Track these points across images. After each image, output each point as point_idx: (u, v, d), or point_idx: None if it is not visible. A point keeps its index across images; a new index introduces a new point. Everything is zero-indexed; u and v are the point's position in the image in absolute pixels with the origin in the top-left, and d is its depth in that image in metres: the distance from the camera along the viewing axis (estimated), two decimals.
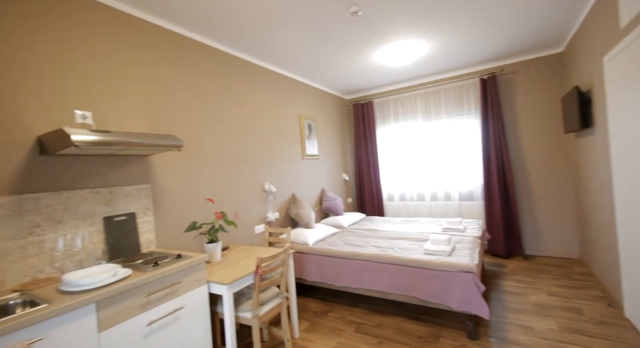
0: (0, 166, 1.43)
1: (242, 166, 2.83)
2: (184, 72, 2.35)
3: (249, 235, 2.84)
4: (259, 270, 1.81)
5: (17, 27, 1.52)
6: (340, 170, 4.69)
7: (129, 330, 1.38)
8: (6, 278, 1.41)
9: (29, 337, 1.09)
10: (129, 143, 1.58)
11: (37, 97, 1.57)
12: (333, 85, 4.28)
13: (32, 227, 1.51)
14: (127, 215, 1.90)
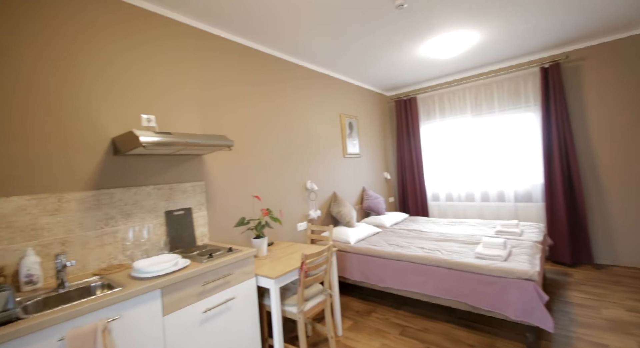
0: (83, 165, 1.64)
1: (286, 164, 2.90)
2: (231, 75, 2.47)
3: (291, 232, 2.90)
4: (303, 266, 1.84)
5: (90, 38, 1.72)
6: (382, 169, 4.59)
7: (188, 315, 1.50)
8: (88, 263, 1.61)
9: (108, 316, 1.23)
10: (187, 143, 1.71)
11: (111, 103, 1.77)
12: (374, 82, 4.20)
13: (107, 218, 1.70)
14: (184, 210, 2.05)
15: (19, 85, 1.46)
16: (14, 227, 1.40)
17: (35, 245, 1.45)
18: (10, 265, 1.38)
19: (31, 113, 1.48)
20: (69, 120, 1.60)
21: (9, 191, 1.40)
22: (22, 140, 1.45)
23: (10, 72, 1.43)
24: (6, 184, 1.40)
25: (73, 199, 1.59)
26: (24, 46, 1.48)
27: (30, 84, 1.49)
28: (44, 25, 1.54)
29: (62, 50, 1.59)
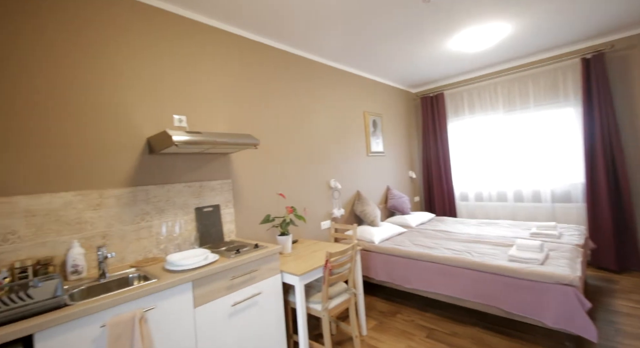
0: (122, 164, 1.74)
1: (309, 163, 2.92)
2: (256, 74, 2.52)
3: (315, 230, 2.92)
4: (328, 265, 1.84)
5: (126, 45, 1.83)
6: (407, 168, 4.49)
7: (217, 308, 1.55)
8: (125, 256, 1.72)
9: (144, 306, 1.30)
10: (215, 142, 1.76)
11: (146, 105, 1.86)
12: (399, 79, 4.11)
13: (143, 214, 1.80)
14: (213, 207, 2.12)
15: (73, 91, 1.57)
16: (62, 221, 1.52)
17: (80, 237, 1.56)
18: (59, 255, 1.50)
19: (77, 116, 1.60)
20: (109, 122, 1.71)
21: (58, 187, 1.52)
22: (69, 141, 1.57)
23: (63, 78, 1.55)
24: (55, 181, 1.52)
25: (112, 195, 1.69)
26: (73, 55, 1.60)
27: (78, 89, 1.61)
28: (86, 34, 1.66)
29: (102, 57, 1.70)
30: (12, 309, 1.04)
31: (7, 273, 1.32)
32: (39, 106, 1.49)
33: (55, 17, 1.56)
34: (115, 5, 1.76)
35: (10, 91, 1.42)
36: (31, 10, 1.49)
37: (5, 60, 1.41)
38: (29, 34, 1.48)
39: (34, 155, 1.47)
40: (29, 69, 1.47)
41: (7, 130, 1.40)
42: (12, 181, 1.40)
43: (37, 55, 1.50)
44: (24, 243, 1.41)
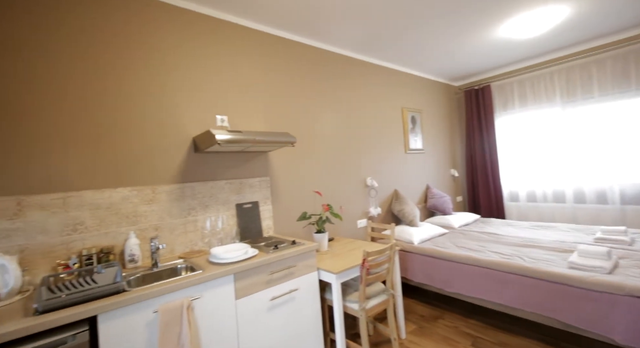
0: (171, 162, 1.87)
1: (346, 161, 2.89)
2: (293, 74, 2.55)
3: (351, 228, 2.88)
4: (365, 264, 1.80)
5: (174, 50, 1.95)
6: (448, 166, 4.26)
7: (257, 301, 1.60)
8: (174, 248, 1.84)
9: (191, 295, 1.38)
10: (255, 140, 1.82)
11: (192, 106, 1.98)
12: (440, 72, 3.91)
13: (189, 209, 1.92)
14: (252, 203, 2.20)
15: (134, 96, 1.73)
16: (121, 214, 1.67)
17: (135, 229, 1.71)
18: (118, 245, 1.65)
19: (133, 118, 1.75)
20: (160, 123, 1.84)
21: (117, 183, 1.67)
22: (126, 141, 1.72)
23: (126, 83, 1.71)
24: (115, 178, 1.67)
25: (163, 191, 1.82)
26: (133, 63, 1.75)
27: (136, 94, 1.75)
28: (139, 41, 1.80)
29: (154, 63, 1.84)
30: (81, 292, 1.17)
31: (76, 259, 1.48)
32: (105, 109, 1.65)
33: (110, 29, 1.71)
34: (163, 13, 1.89)
35: (81, 96, 1.59)
36: (94, 27, 1.66)
37: (77, 71, 1.58)
38: (93, 45, 1.64)
39: (97, 154, 1.63)
40: (99, 76, 1.64)
41: (75, 131, 1.57)
42: (80, 177, 1.57)
43: (106, 64, 1.66)
44: (90, 233, 1.57)
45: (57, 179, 1.51)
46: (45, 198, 1.47)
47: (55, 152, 1.51)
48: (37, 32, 1.50)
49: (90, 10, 1.64)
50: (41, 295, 1.13)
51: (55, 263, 1.46)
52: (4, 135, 1.40)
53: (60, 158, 1.52)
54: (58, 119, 1.53)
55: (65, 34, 1.57)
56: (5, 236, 1.37)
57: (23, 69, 1.45)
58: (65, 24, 1.57)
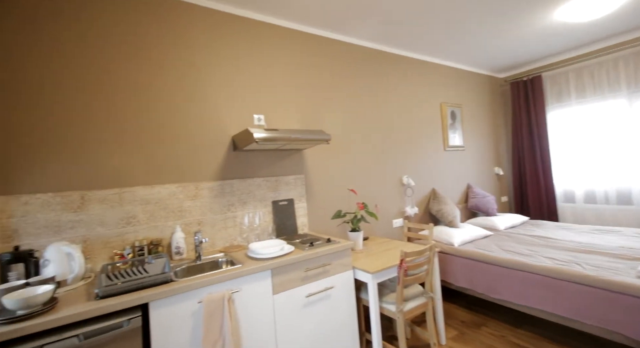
0: (213, 160, 1.96)
1: (381, 158, 2.82)
2: (326, 71, 2.54)
3: (386, 228, 2.81)
4: (403, 264, 1.74)
5: (216, 54, 2.03)
6: (492, 163, 3.98)
7: (293, 297, 1.61)
8: (215, 242, 1.92)
9: (231, 288, 1.43)
10: (290, 138, 1.84)
11: (231, 106, 2.05)
12: (482, 64, 3.66)
13: (229, 205, 1.99)
14: (288, 201, 2.23)
15: (176, 97, 1.84)
16: (168, 209, 1.78)
17: (181, 223, 1.81)
18: (166, 238, 1.76)
19: (178, 118, 1.85)
20: (203, 123, 1.93)
21: (164, 180, 1.79)
22: (173, 141, 1.83)
23: (168, 88, 1.82)
24: (162, 175, 1.78)
25: (206, 187, 1.91)
26: (179, 68, 1.86)
27: (178, 95, 1.86)
28: (181, 46, 1.90)
29: (197, 66, 1.93)
30: (134, 280, 1.26)
31: (130, 250, 1.61)
32: (153, 112, 1.77)
33: (160, 39, 1.83)
34: (205, 17, 1.98)
35: (132, 101, 1.72)
36: (144, 38, 1.78)
37: (128, 79, 1.72)
38: (141, 54, 1.77)
39: (147, 153, 1.75)
40: (147, 81, 1.76)
41: (129, 133, 1.70)
42: (133, 174, 1.70)
43: (153, 69, 1.78)
44: (141, 226, 1.70)
45: (114, 176, 1.65)
46: (104, 193, 1.61)
47: (112, 152, 1.65)
48: (92, 49, 1.64)
49: (137, 17, 1.77)
50: (101, 282, 1.24)
51: (112, 253, 1.60)
52: (73, 139, 1.55)
53: (116, 157, 1.66)
54: (114, 122, 1.66)
55: (114, 44, 1.70)
56: (70, 227, 1.52)
57: (89, 81, 1.60)
58: (114, 32, 1.70)
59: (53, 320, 1.04)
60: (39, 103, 1.49)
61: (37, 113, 1.49)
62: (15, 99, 1.45)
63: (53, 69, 1.53)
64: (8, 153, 1.42)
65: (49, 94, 1.52)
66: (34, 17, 1.50)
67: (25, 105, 1.47)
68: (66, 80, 1.56)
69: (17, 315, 1.03)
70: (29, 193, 1.44)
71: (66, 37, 1.57)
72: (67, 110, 1.55)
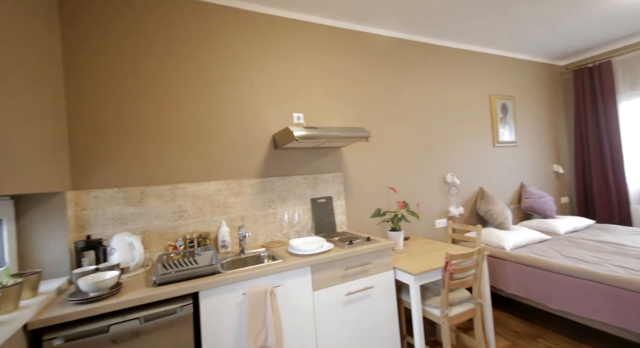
0: (254, 158, 2.03)
1: (423, 156, 2.70)
2: (366, 67, 2.49)
3: (428, 228, 2.69)
4: (448, 267, 1.65)
5: (258, 55, 2.09)
6: (550, 161, 3.61)
7: (333, 295, 1.61)
8: (257, 237, 1.99)
9: (273, 282, 1.47)
10: (330, 136, 1.83)
11: (271, 105, 2.10)
12: (538, 50, 3.32)
13: (270, 202, 2.05)
14: (326, 198, 2.23)
15: (220, 99, 1.94)
16: (214, 204, 1.89)
17: (226, 218, 1.91)
18: (213, 231, 1.87)
19: (222, 118, 1.95)
20: (245, 123, 2.01)
21: (211, 177, 1.89)
22: (218, 141, 1.93)
23: (213, 89, 1.92)
24: (209, 172, 1.89)
25: (248, 185, 1.99)
26: (226, 71, 1.95)
27: (223, 97, 1.95)
28: (225, 47, 1.99)
29: (239, 65, 2.01)
30: (186, 270, 1.35)
31: (181, 242, 1.73)
32: (201, 114, 1.88)
33: (201, 44, 1.93)
34: (245, 18, 2.05)
35: (183, 104, 1.84)
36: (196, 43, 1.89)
37: (178, 84, 1.84)
38: (191, 59, 1.89)
39: (196, 152, 1.86)
40: (195, 84, 1.88)
41: (180, 133, 1.83)
42: (184, 171, 1.82)
43: (198, 73, 1.89)
44: (191, 219, 1.82)
45: (168, 173, 1.78)
46: (159, 189, 1.75)
47: (166, 152, 1.79)
48: (148, 58, 1.79)
49: (181, 22, 1.89)
50: (158, 270, 1.35)
51: (166, 244, 1.73)
52: (134, 140, 1.71)
53: (170, 156, 1.79)
54: (168, 125, 1.80)
55: (160, 49, 1.83)
56: (132, 219, 1.68)
57: (146, 88, 1.75)
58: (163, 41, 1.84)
59: (119, 303, 1.16)
60: (106, 111, 1.67)
61: (104, 119, 1.66)
62: (91, 108, 1.63)
63: (114, 80, 1.70)
64: (82, 153, 1.60)
65: (114, 101, 1.68)
66: (111, 35, 1.68)
67: (95, 113, 1.64)
68: (127, 89, 1.72)
69: (89, 296, 1.16)
70: (98, 188, 1.62)
71: (125, 49, 1.73)
72: (129, 116, 1.71)
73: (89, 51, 1.64)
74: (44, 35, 1.36)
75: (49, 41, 1.43)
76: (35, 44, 1.26)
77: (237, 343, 1.37)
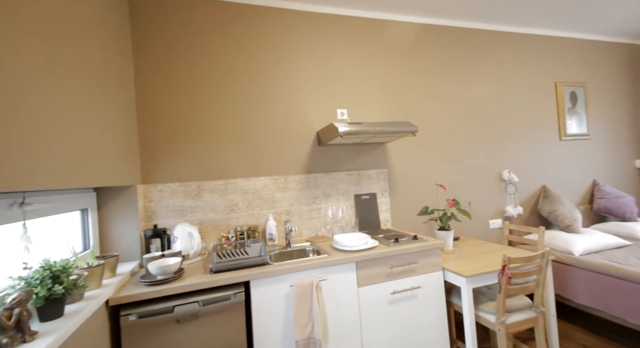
0: (299, 154, 2.07)
1: (475, 150, 2.52)
2: (411, 58, 2.39)
3: (481, 228, 2.51)
4: (506, 271, 1.53)
5: (303, 54, 2.12)
6: (631, 155, 3.13)
7: (378, 292, 1.59)
8: (302, 232, 2.04)
9: (318, 276, 1.49)
10: (375, 131, 1.80)
11: (316, 102, 2.13)
12: (616, 28, 2.88)
13: (313, 197, 2.08)
14: (370, 195, 2.20)
15: (267, 98, 2.01)
16: (262, 198, 1.97)
17: (273, 212, 1.98)
18: (261, 225, 1.96)
19: (270, 116, 2.02)
20: (291, 120, 2.06)
21: (259, 173, 1.98)
22: (265, 137, 2.00)
23: (261, 87, 2.01)
24: (258, 168, 1.98)
25: (293, 180, 2.04)
26: (270, 70, 2.03)
27: (270, 96, 2.03)
28: (275, 47, 2.05)
29: (285, 63, 2.07)
30: (239, 260, 1.43)
31: (233, 233, 1.84)
32: (249, 113, 1.97)
33: (244, 36, 2.02)
34: (295, 17, 2.09)
35: (233, 102, 1.95)
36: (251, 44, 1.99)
37: (234, 86, 1.95)
38: (242, 61, 1.98)
39: (245, 148, 1.96)
40: (244, 83, 1.97)
41: (231, 132, 1.94)
42: (234, 168, 1.93)
43: (250, 73, 1.99)
44: (241, 213, 1.92)
45: (221, 169, 1.90)
46: (214, 183, 1.88)
47: (219, 149, 1.91)
48: (206, 68, 1.91)
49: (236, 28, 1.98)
50: (213, 259, 1.45)
51: (220, 235, 1.86)
52: (193, 138, 1.86)
53: (222, 153, 1.91)
54: (220, 123, 1.92)
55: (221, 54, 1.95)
56: (190, 211, 1.83)
57: (200, 94, 1.89)
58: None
59: (182, 286, 1.27)
60: (168, 115, 1.83)
61: (166, 122, 1.83)
62: (155, 113, 1.81)
63: (173, 89, 1.85)
64: (149, 152, 1.78)
65: (174, 107, 1.84)
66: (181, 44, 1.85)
67: (159, 117, 1.82)
68: (184, 96, 1.87)
69: (157, 279, 1.30)
70: (162, 182, 1.79)
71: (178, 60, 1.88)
72: (187, 119, 1.86)
73: (151, 68, 1.81)
74: (120, 58, 1.54)
75: (124, 60, 1.61)
76: (113, 66, 1.43)
77: (285, 333, 1.42)
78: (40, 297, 0.86)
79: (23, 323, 0.79)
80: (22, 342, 0.77)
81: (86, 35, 1.15)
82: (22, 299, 0.80)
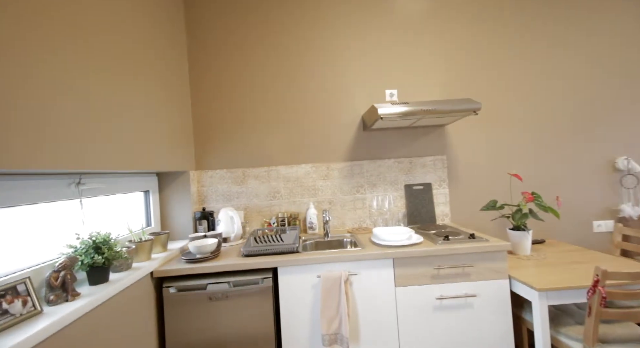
0: (343, 140, 1.96)
1: (569, 131, 1.97)
2: (481, 19, 1.97)
3: (580, 231, 1.96)
4: (598, 288, 1.14)
5: (349, 36, 1.97)
6: None
7: (420, 296, 1.39)
8: (344, 222, 1.94)
9: (349, 270, 1.38)
10: (423, 111, 1.55)
11: (362, 84, 1.96)
12: None
13: (357, 186, 1.95)
14: (424, 185, 1.94)
15: (312, 83, 1.96)
16: (304, 186, 1.94)
17: (314, 201, 1.94)
18: (302, 212, 1.93)
19: (312, 102, 1.96)
20: (335, 105, 1.96)
21: (301, 160, 1.95)
22: (308, 124, 1.95)
23: (304, 72, 1.96)
24: (299, 156, 1.95)
25: (336, 168, 1.95)
26: (318, 51, 1.96)
27: (315, 81, 1.96)
28: (322, 34, 1.96)
29: (330, 45, 1.96)
30: (268, 246, 1.44)
31: (275, 219, 1.87)
32: (291, 98, 1.95)
33: (289, 17, 1.96)
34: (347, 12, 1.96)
35: (275, 90, 1.95)
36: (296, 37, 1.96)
37: (276, 74, 1.96)
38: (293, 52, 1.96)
39: (287, 135, 1.95)
40: (287, 69, 1.96)
41: (273, 118, 1.95)
42: (276, 155, 1.95)
43: (293, 58, 1.96)
44: (283, 200, 1.93)
45: (264, 156, 1.95)
46: (258, 171, 1.94)
47: (263, 136, 1.95)
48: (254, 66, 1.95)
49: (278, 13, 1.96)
50: (250, 243, 1.49)
51: (263, 221, 1.91)
52: (239, 127, 1.94)
53: (265, 140, 1.95)
54: (263, 112, 1.95)
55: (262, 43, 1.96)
56: (237, 196, 1.93)
57: (251, 84, 1.95)
58: None
59: (213, 266, 1.34)
60: (218, 106, 1.95)
61: (217, 112, 1.95)
62: (207, 105, 1.95)
63: (223, 84, 1.95)
64: (202, 140, 1.94)
65: (222, 98, 1.95)
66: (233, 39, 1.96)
67: (210, 108, 1.95)
68: (231, 88, 1.95)
69: (196, 257, 1.40)
70: (212, 169, 1.93)
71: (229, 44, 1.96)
72: (234, 108, 1.95)
73: (202, 66, 1.94)
74: (177, 57, 1.69)
75: (180, 56, 1.76)
76: (172, 68, 1.58)
77: (313, 324, 1.37)
78: (84, 264, 1.00)
79: (67, 284, 0.93)
80: (65, 301, 0.91)
81: (149, 41, 1.28)
82: (67, 264, 0.94)
